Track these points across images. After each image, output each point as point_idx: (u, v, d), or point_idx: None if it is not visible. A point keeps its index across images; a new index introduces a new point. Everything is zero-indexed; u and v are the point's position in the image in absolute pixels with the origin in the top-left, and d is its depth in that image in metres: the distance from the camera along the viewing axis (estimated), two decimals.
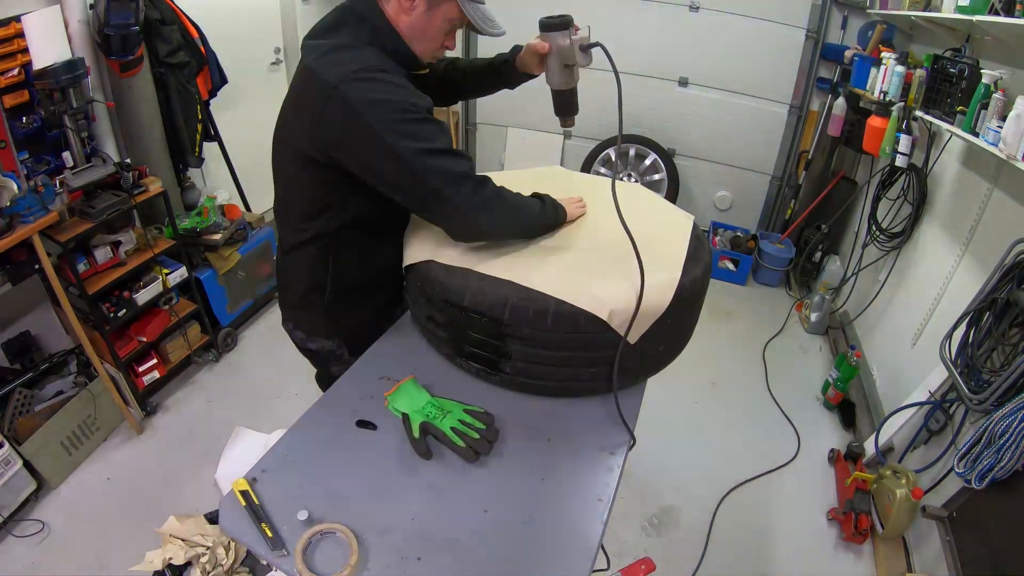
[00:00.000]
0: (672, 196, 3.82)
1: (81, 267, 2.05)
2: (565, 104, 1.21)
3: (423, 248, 1.17)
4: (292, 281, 1.30)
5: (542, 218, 1.17)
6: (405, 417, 1.03)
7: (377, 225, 1.21)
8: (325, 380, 1.46)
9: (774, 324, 3.27)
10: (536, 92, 1.34)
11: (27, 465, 1.97)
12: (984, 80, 1.77)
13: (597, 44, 1.10)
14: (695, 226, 1.28)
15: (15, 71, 1.93)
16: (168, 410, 2.48)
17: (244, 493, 0.87)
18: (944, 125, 2.03)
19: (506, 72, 1.32)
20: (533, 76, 1.29)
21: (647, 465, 2.27)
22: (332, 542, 0.83)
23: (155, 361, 2.43)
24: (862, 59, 2.85)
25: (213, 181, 3.02)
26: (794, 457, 2.42)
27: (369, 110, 0.96)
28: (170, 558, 1.66)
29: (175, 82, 2.43)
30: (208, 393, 2.58)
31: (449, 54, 1.24)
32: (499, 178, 1.44)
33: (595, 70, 1.17)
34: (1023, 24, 1.59)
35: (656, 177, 3.86)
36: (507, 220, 1.10)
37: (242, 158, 2.99)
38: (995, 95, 1.69)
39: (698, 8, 3.51)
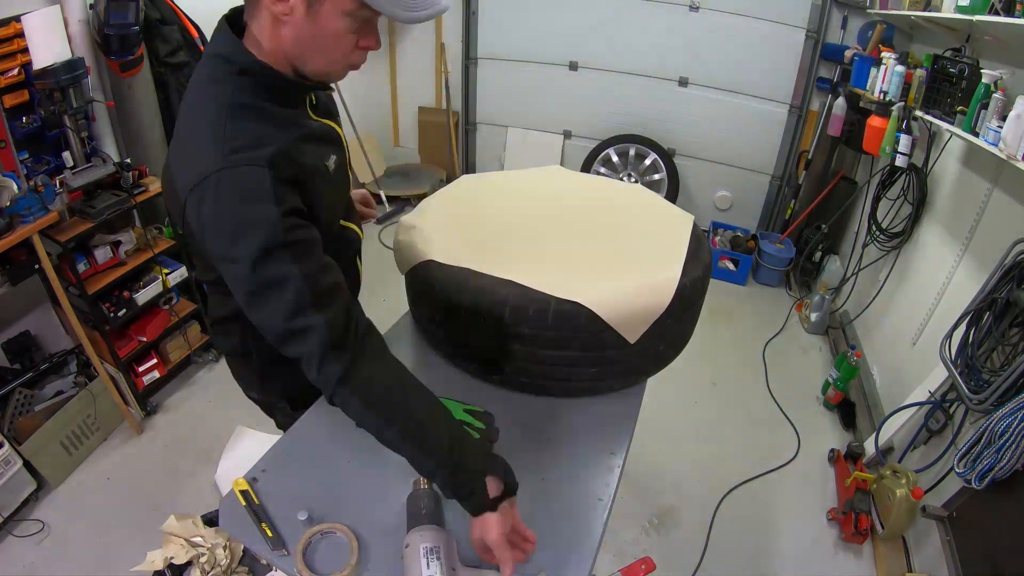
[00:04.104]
0: (672, 196, 3.82)
1: (81, 267, 2.05)
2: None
3: (423, 248, 1.17)
4: (220, 340, 1.14)
5: (435, 455, 0.80)
6: None
7: None
8: (280, 426, 1.32)
9: (774, 324, 3.27)
10: (536, 92, 1.34)
11: (27, 465, 1.97)
12: (984, 80, 1.77)
13: None
14: (695, 226, 1.28)
15: (15, 71, 1.93)
16: (168, 410, 2.47)
17: (244, 493, 0.87)
18: (944, 125, 2.02)
19: None
20: None
21: (647, 465, 2.27)
22: (332, 542, 0.83)
23: (155, 361, 2.43)
24: (862, 59, 2.85)
25: None
26: (794, 457, 2.42)
27: (228, 226, 0.76)
28: (171, 558, 1.66)
29: (175, 82, 2.43)
30: (208, 393, 2.58)
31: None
32: (498, 178, 1.45)
33: (594, 71, 1.16)
34: (1023, 24, 1.59)
35: (656, 177, 3.86)
36: (362, 412, 0.80)
37: None
38: (995, 95, 1.69)
39: (698, 8, 3.51)
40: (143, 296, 2.28)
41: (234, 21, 0.84)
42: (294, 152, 0.81)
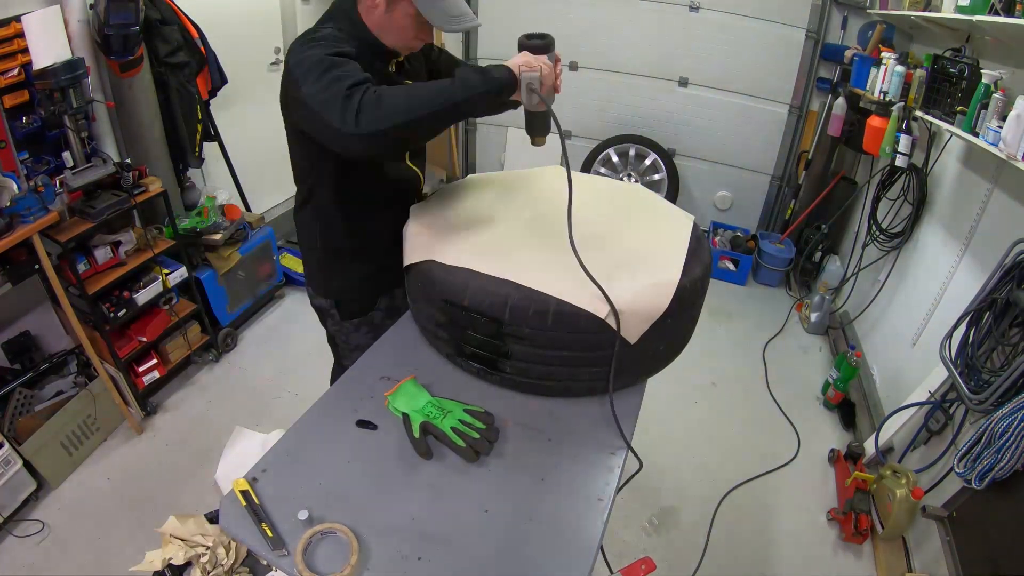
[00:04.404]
0: (672, 196, 3.82)
1: (81, 267, 2.05)
2: (534, 125, 1.17)
3: (423, 248, 1.17)
4: (300, 234, 1.45)
5: (445, 96, 0.99)
6: (405, 417, 1.03)
7: (361, 199, 1.32)
8: (330, 341, 1.66)
9: (774, 324, 3.27)
10: None
11: (27, 465, 1.97)
12: (984, 80, 1.77)
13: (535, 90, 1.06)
14: (695, 226, 1.28)
15: (15, 71, 1.93)
16: (168, 410, 2.47)
17: (244, 493, 0.87)
18: (944, 125, 2.03)
19: None
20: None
21: (647, 465, 2.27)
22: (332, 542, 0.83)
23: (155, 361, 2.43)
24: (862, 59, 2.85)
25: (213, 181, 3.01)
26: (794, 457, 2.42)
27: (295, 66, 1.04)
28: (170, 558, 1.66)
29: (175, 82, 2.43)
30: (208, 393, 2.58)
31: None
32: (496, 178, 1.45)
33: (594, 71, 1.17)
34: (1023, 24, 1.59)
35: (656, 177, 3.86)
36: (381, 116, 0.95)
37: (242, 158, 2.99)
38: (995, 95, 1.69)
39: (698, 8, 3.51)
40: (143, 296, 2.28)
41: None
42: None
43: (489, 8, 3.86)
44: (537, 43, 1.10)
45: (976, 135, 1.76)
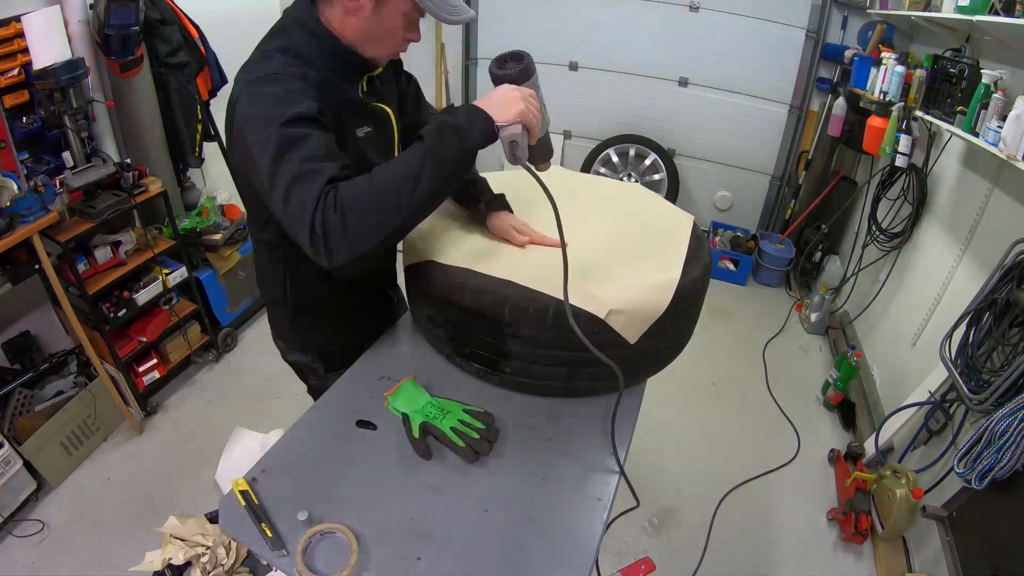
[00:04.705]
0: (672, 196, 3.82)
1: (81, 267, 2.05)
2: (531, 157, 0.98)
3: (423, 248, 1.17)
4: (263, 289, 1.28)
5: (419, 186, 0.86)
6: (405, 417, 1.03)
7: None
8: (313, 394, 1.42)
9: (774, 324, 3.27)
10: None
11: (27, 465, 1.97)
12: (984, 80, 1.77)
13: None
14: (695, 226, 1.28)
15: (15, 71, 1.93)
16: (168, 410, 2.47)
17: (244, 493, 0.87)
18: (944, 125, 2.03)
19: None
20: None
21: (647, 465, 2.27)
22: (332, 542, 0.83)
23: (155, 361, 2.43)
24: (862, 59, 2.85)
25: (213, 181, 3.01)
26: (794, 457, 2.42)
27: (245, 121, 0.90)
28: (170, 558, 1.66)
29: (175, 82, 2.43)
30: (208, 393, 2.58)
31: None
32: (496, 180, 1.45)
33: (594, 71, 1.15)
34: (1023, 24, 1.59)
35: (656, 177, 3.86)
36: (351, 242, 0.84)
37: None
38: (995, 95, 1.69)
39: (698, 8, 3.51)
40: (143, 296, 2.28)
41: None
42: (323, 108, 0.93)
43: (489, 8, 3.86)
44: (513, 72, 0.92)
45: (976, 135, 1.76)
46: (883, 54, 2.60)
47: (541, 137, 0.97)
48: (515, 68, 0.93)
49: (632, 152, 3.85)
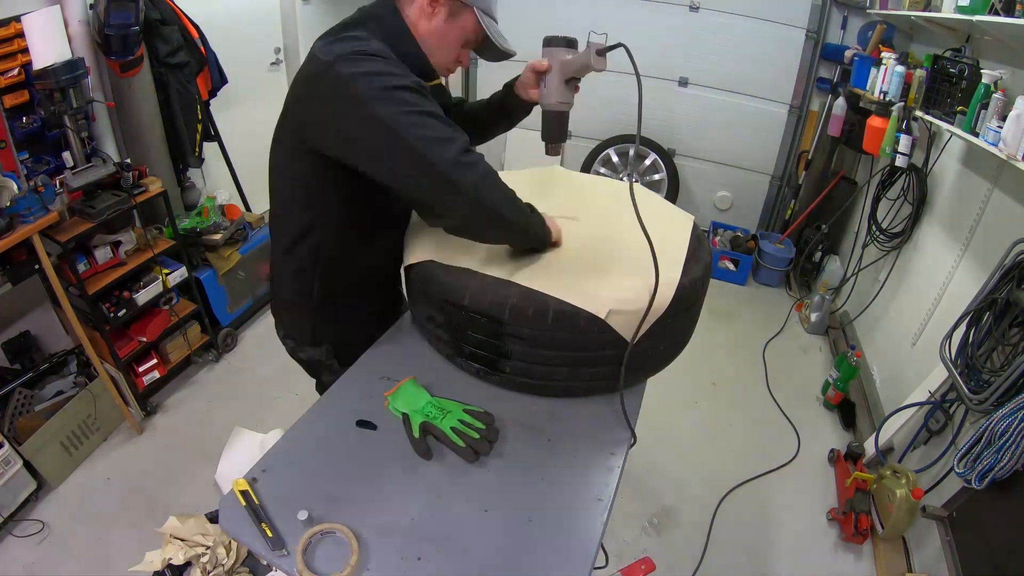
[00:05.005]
0: (672, 196, 3.82)
1: (81, 267, 2.05)
2: (556, 127, 1.14)
3: (423, 248, 1.17)
4: (282, 286, 1.29)
5: (526, 219, 1.05)
6: (405, 417, 1.03)
7: (368, 225, 1.18)
8: (322, 389, 1.45)
9: (774, 324, 3.27)
10: None
11: (27, 465, 1.97)
12: (984, 80, 1.77)
13: (620, 45, 1.03)
14: (695, 226, 1.28)
15: (15, 71, 1.93)
16: (168, 410, 2.47)
17: (244, 493, 0.87)
18: (944, 125, 2.03)
19: (508, 103, 1.28)
20: (533, 105, 1.25)
21: (647, 465, 2.27)
22: (332, 542, 0.83)
23: (155, 361, 2.43)
24: (862, 59, 2.85)
25: (213, 181, 3.01)
26: (794, 457, 2.42)
27: (357, 81, 0.92)
28: (170, 558, 1.66)
29: (175, 82, 2.43)
30: (208, 393, 2.58)
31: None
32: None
33: (595, 70, 1.16)
34: (1023, 24, 1.59)
35: (656, 177, 3.86)
36: (492, 193, 0.97)
37: (242, 158, 2.99)
38: (995, 95, 1.69)
39: (698, 8, 3.52)
40: (143, 296, 2.28)
41: None
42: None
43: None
44: (560, 39, 1.10)
45: (976, 135, 1.76)
46: (883, 54, 2.60)
47: (560, 113, 1.14)
48: (562, 38, 1.11)
49: (632, 152, 3.85)
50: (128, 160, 2.21)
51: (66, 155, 2.10)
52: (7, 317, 2.14)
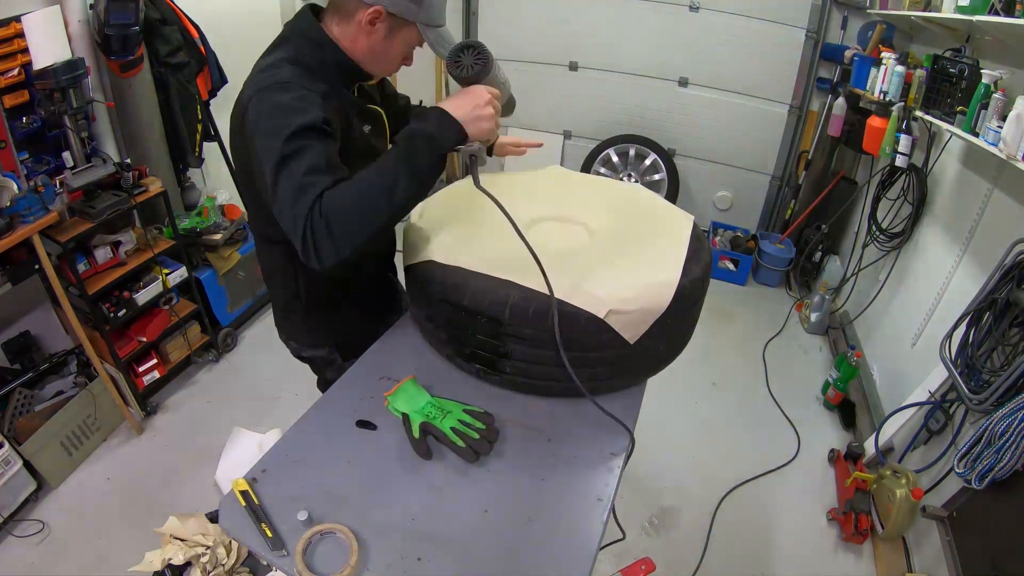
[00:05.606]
0: (672, 196, 3.82)
1: (81, 267, 2.05)
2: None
3: (423, 248, 1.17)
4: (275, 292, 1.31)
5: (396, 191, 0.91)
6: (405, 417, 1.03)
7: None
8: (325, 386, 1.46)
9: (774, 324, 3.27)
10: (536, 92, 1.34)
11: (27, 465, 1.97)
12: (984, 80, 1.77)
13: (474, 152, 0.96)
14: (695, 226, 1.28)
15: (15, 71, 1.93)
16: (168, 410, 2.47)
17: (244, 493, 0.87)
18: (944, 125, 2.02)
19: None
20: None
21: (647, 465, 2.27)
22: (332, 542, 0.83)
23: (155, 361, 2.43)
24: (862, 59, 2.85)
25: (213, 181, 3.01)
26: (794, 457, 2.42)
27: (259, 124, 0.94)
28: (169, 558, 1.66)
29: (175, 82, 2.42)
30: (208, 393, 2.58)
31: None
32: (496, 179, 1.44)
33: (594, 71, 1.15)
34: (1023, 24, 1.59)
35: (656, 177, 3.86)
36: (346, 216, 0.88)
37: None
38: (995, 95, 1.69)
39: (698, 8, 3.51)
40: (143, 296, 2.28)
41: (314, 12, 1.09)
42: (330, 115, 0.98)
43: (489, 8, 3.86)
44: (473, 70, 0.96)
45: (976, 135, 1.76)
46: (883, 54, 2.60)
47: (507, 99, 1.09)
48: (478, 63, 0.98)
49: (632, 152, 3.85)
50: (128, 160, 2.21)
51: (66, 155, 2.10)
52: (7, 317, 2.14)
